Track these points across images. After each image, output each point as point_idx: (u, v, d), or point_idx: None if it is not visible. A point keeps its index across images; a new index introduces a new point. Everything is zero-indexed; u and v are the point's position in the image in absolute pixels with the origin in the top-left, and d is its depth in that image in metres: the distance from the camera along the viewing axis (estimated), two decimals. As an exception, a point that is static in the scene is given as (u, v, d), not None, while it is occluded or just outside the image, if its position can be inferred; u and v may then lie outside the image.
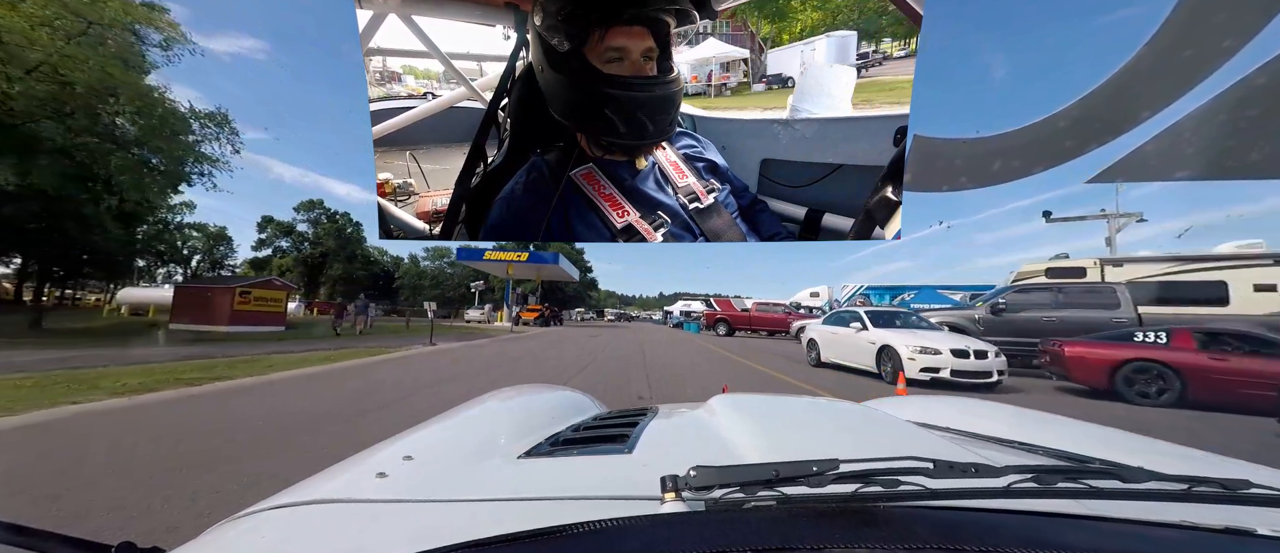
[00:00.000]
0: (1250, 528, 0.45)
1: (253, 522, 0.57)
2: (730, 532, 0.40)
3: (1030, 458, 0.83)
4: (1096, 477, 0.47)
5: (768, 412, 1.03)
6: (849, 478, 0.46)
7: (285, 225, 52.76)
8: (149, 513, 2.31)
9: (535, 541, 0.41)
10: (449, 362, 9.45)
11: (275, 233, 52.65)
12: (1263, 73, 1.57)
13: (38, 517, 2.24)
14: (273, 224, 52.54)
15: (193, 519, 2.26)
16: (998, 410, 1.21)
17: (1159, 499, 0.45)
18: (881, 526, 0.41)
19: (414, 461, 0.73)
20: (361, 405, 4.99)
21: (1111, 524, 0.45)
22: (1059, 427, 1.05)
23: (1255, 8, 1.55)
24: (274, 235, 52.62)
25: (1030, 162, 1.95)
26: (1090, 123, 1.77)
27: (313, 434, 3.84)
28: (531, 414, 1.09)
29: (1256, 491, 0.46)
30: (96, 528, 2.12)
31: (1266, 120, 1.64)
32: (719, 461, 0.52)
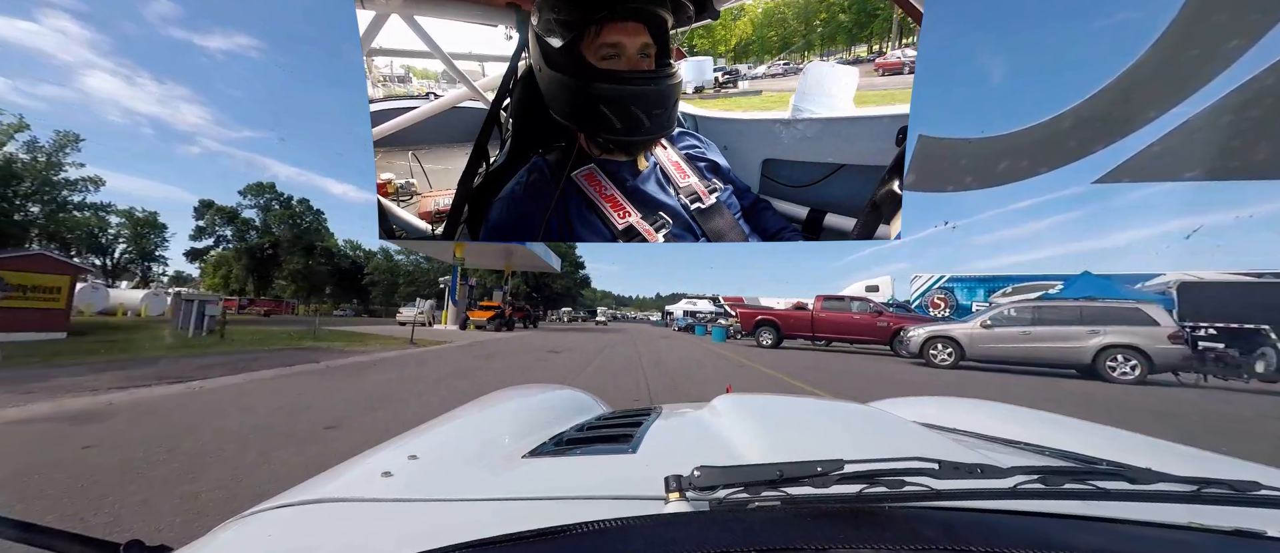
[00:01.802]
0: (1260, 530, 0.44)
1: (258, 521, 0.58)
2: (734, 532, 0.39)
3: (1036, 459, 0.82)
4: (1103, 478, 0.47)
5: (772, 412, 1.03)
6: (853, 479, 0.46)
7: (228, 211, 44.72)
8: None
9: (539, 540, 0.41)
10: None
11: (216, 220, 44.90)
12: (1270, 73, 1.56)
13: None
14: (213, 210, 44.68)
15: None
16: (1003, 411, 1.20)
17: (1167, 501, 0.45)
18: (886, 526, 0.41)
19: (418, 460, 0.73)
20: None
21: (1119, 526, 0.44)
22: (1065, 427, 1.05)
23: (1261, 8, 1.54)
24: (214, 223, 44.95)
25: (1036, 162, 1.94)
26: (1096, 123, 1.77)
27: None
28: (535, 414, 1.09)
29: (1266, 492, 0.45)
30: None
31: (1273, 121, 1.63)
32: (723, 461, 0.52)
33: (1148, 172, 1.84)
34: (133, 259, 42.46)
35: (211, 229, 45.14)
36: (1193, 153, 1.74)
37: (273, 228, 46.06)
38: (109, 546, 0.46)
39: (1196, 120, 1.67)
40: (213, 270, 45.80)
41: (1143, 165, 1.79)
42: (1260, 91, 1.60)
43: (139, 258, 42.82)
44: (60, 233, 29.26)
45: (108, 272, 39.60)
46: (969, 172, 2.02)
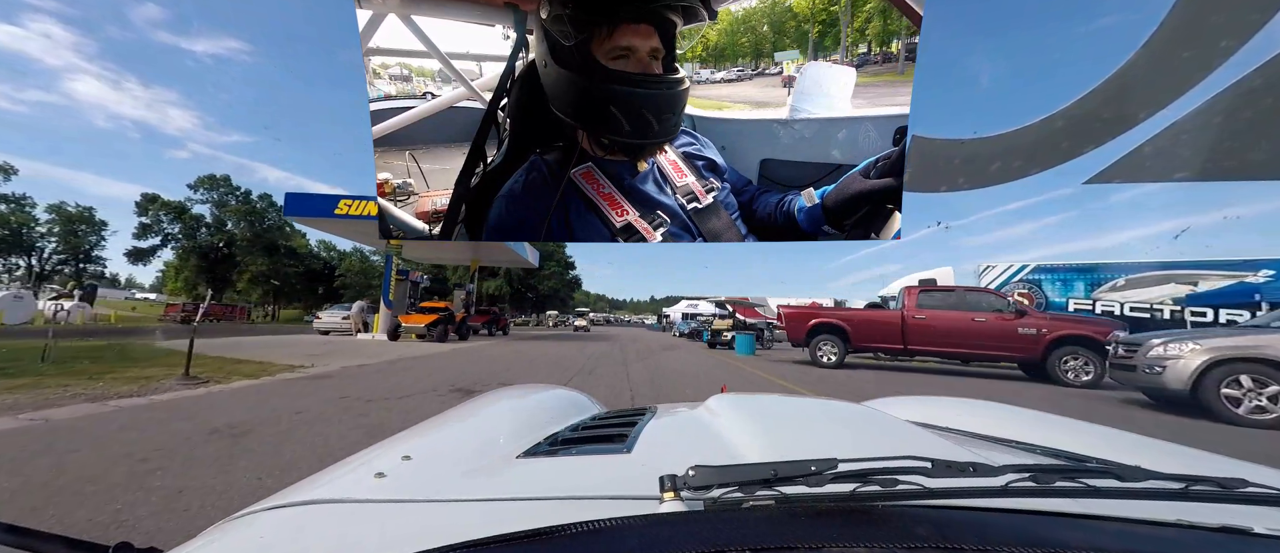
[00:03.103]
0: (1247, 527, 0.45)
1: (250, 522, 0.57)
2: (728, 531, 0.40)
3: (1028, 457, 0.83)
4: (1094, 476, 0.47)
5: (767, 412, 1.03)
6: (847, 478, 0.47)
7: (175, 206, 38.84)
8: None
9: (533, 541, 0.41)
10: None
11: (161, 217, 38.80)
12: (1259, 74, 1.58)
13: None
14: (158, 205, 38.50)
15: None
16: (996, 410, 1.21)
17: (1156, 498, 0.46)
18: (879, 525, 0.42)
19: (412, 461, 0.73)
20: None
21: (1108, 523, 0.45)
22: (1057, 426, 1.06)
23: (1252, 8, 1.56)
24: (158, 220, 38.83)
25: (1028, 162, 1.96)
26: (1088, 123, 1.78)
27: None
28: (530, 414, 1.09)
29: (1253, 489, 0.46)
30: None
31: (1264, 121, 1.65)
32: (718, 460, 0.52)
33: (1140, 172, 1.86)
34: (64, 260, 36.96)
35: (156, 227, 38.91)
36: (1183, 154, 1.76)
37: (228, 225, 40.18)
38: (97, 548, 0.46)
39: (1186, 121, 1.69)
40: (175, 273, 40.90)
41: (1133, 166, 1.81)
42: (1250, 93, 1.61)
43: (72, 259, 36.88)
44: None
45: (34, 275, 34.20)
46: (962, 172, 2.04)
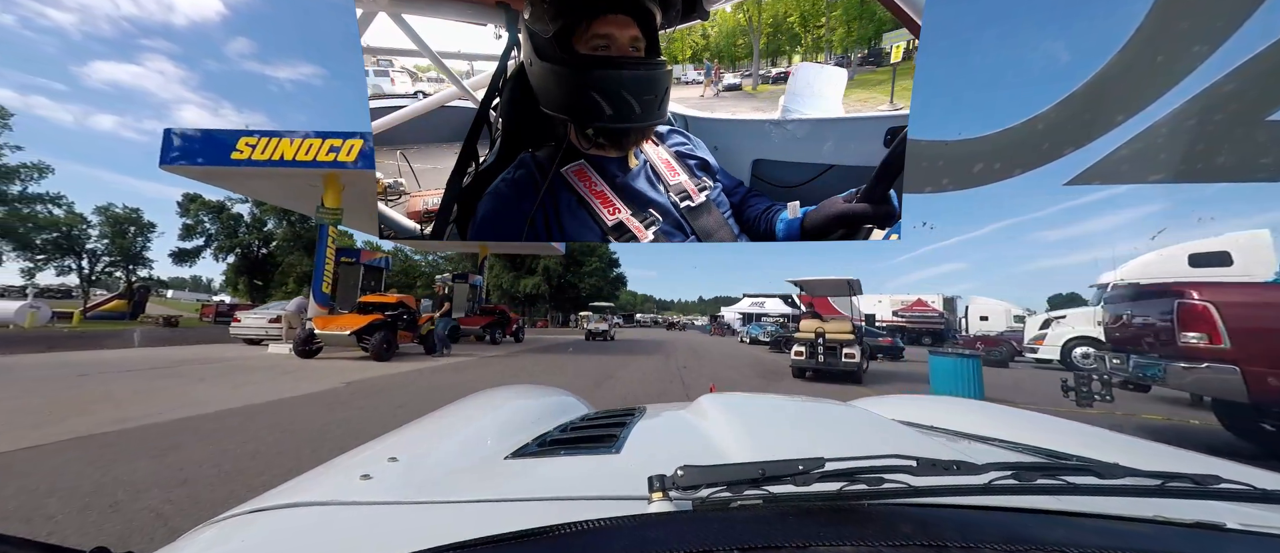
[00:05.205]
0: (1220, 522, 0.46)
1: (230, 526, 0.56)
2: (716, 531, 0.40)
3: (1011, 455, 0.84)
4: (1074, 473, 0.48)
5: (754, 411, 1.03)
6: (834, 477, 0.47)
7: (215, 205, 37.40)
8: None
9: (521, 542, 0.41)
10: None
11: (200, 215, 37.43)
12: (1230, 79, 1.63)
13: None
14: (197, 204, 37.13)
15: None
16: (980, 409, 1.23)
17: (1133, 495, 0.47)
18: (865, 523, 0.42)
19: (399, 462, 0.72)
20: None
21: (1088, 520, 0.46)
22: (1039, 424, 1.08)
23: (1222, 14, 1.61)
24: (199, 220, 37.57)
25: (1010, 164, 1.99)
26: (1068, 126, 1.82)
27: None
28: (519, 415, 1.08)
29: (1226, 486, 0.47)
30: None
31: (1232, 126, 1.70)
32: (706, 460, 0.53)
33: (1117, 174, 1.91)
34: (115, 262, 36.51)
35: (199, 228, 37.75)
36: (1159, 156, 1.81)
37: (268, 224, 38.60)
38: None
39: (1161, 125, 1.74)
40: (234, 274, 39.36)
41: (1111, 168, 1.85)
42: (1223, 98, 1.67)
43: (122, 260, 36.69)
44: (14, 231, 25.73)
45: (84, 277, 34.15)
46: (945, 174, 2.07)
